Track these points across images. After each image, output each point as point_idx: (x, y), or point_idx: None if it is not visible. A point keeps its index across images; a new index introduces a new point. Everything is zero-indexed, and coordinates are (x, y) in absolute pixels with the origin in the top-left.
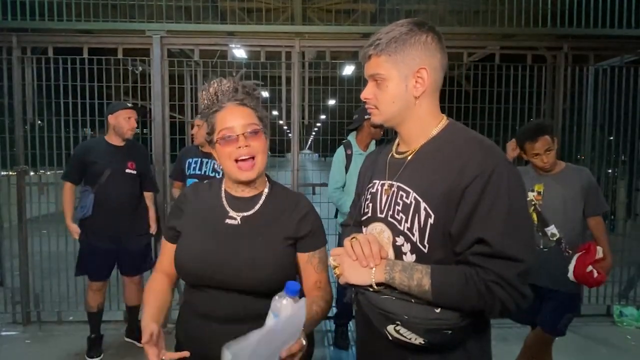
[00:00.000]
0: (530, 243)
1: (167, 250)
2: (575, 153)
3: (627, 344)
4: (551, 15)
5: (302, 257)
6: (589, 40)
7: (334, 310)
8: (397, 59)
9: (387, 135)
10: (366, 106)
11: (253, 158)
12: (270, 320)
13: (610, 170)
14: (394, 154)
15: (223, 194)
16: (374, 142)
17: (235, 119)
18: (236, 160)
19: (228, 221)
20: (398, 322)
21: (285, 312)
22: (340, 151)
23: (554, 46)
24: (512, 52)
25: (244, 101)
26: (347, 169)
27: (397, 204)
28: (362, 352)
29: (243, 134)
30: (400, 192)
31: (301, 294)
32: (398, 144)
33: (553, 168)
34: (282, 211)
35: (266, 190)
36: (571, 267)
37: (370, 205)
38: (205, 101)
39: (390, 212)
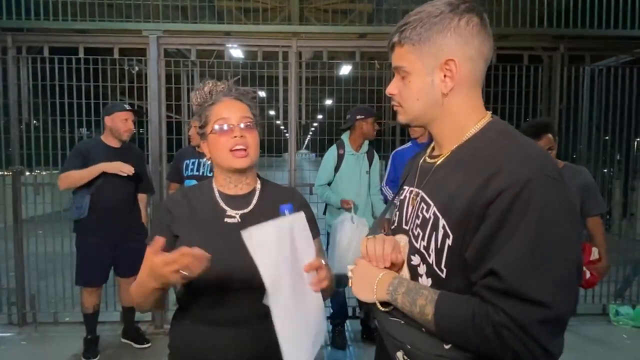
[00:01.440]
0: (564, 285)
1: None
2: (571, 153)
3: (622, 343)
4: (547, 16)
5: None
6: (585, 40)
7: (330, 310)
8: (423, 49)
9: (382, 136)
10: (392, 103)
11: (246, 150)
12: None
13: (605, 170)
14: (427, 158)
15: (217, 194)
16: (366, 142)
17: (231, 111)
18: (230, 150)
19: (227, 220)
20: (402, 351)
21: (289, 216)
22: (332, 150)
23: (550, 46)
24: (508, 52)
25: (240, 97)
26: (337, 168)
27: (417, 217)
28: None
29: (238, 124)
30: (422, 204)
31: None
32: (433, 147)
33: None
34: (279, 205)
35: (258, 186)
36: None
37: (398, 213)
38: (199, 99)
39: (412, 226)
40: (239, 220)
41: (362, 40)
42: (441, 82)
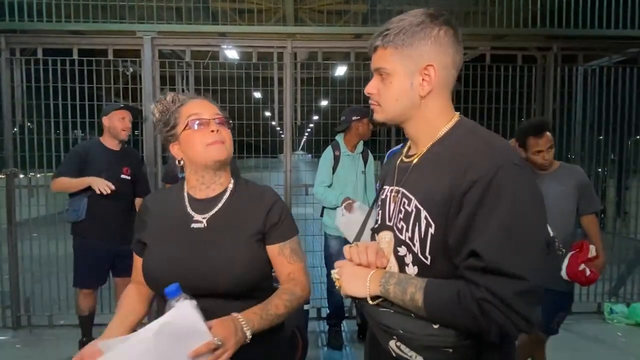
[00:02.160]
0: (537, 259)
1: (137, 263)
2: (565, 152)
3: (617, 341)
4: (541, 16)
5: (273, 250)
6: (578, 40)
7: (327, 310)
8: (404, 53)
9: (377, 136)
10: (370, 102)
11: (223, 143)
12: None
13: (599, 169)
14: (403, 158)
15: (186, 198)
16: (361, 142)
17: (203, 108)
18: (207, 145)
19: (194, 225)
20: (395, 337)
21: (167, 315)
22: (328, 152)
23: (544, 47)
24: (502, 53)
25: (207, 99)
26: (334, 169)
27: (400, 211)
28: None
29: (212, 119)
30: (404, 199)
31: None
32: (409, 147)
33: (551, 166)
34: (248, 206)
35: (230, 186)
36: (564, 265)
37: (380, 212)
38: (162, 108)
39: (396, 220)
40: (205, 224)
41: (357, 41)
42: (419, 85)
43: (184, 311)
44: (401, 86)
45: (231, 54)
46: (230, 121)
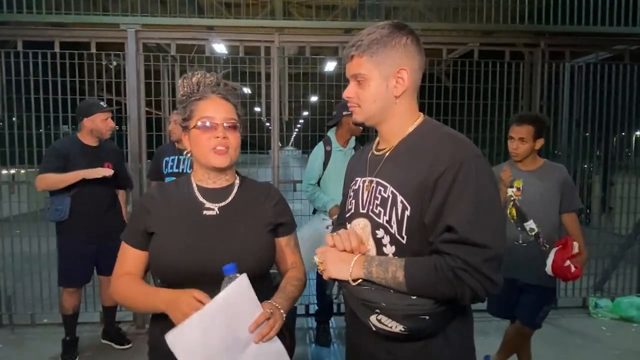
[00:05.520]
0: (499, 231)
1: (131, 256)
2: (552, 148)
3: (602, 335)
4: (528, 13)
5: (282, 242)
6: (566, 37)
7: (315, 307)
8: (379, 60)
9: (366, 132)
10: (348, 105)
11: (227, 149)
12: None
13: (585, 165)
14: (374, 152)
15: (195, 188)
16: (353, 138)
17: (217, 110)
18: (211, 149)
19: (206, 212)
20: (378, 311)
21: (224, 289)
22: (320, 147)
23: (531, 43)
24: (490, 49)
25: (227, 96)
26: (325, 165)
27: (375, 198)
28: (350, 345)
29: (222, 124)
30: (379, 187)
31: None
32: (378, 142)
33: (522, 159)
34: (256, 199)
35: (237, 181)
36: (549, 261)
37: (353, 202)
38: (186, 89)
39: (371, 207)
40: (218, 212)
41: (346, 36)
42: (394, 87)
43: (242, 285)
44: (378, 88)
45: (218, 47)
46: (239, 125)
